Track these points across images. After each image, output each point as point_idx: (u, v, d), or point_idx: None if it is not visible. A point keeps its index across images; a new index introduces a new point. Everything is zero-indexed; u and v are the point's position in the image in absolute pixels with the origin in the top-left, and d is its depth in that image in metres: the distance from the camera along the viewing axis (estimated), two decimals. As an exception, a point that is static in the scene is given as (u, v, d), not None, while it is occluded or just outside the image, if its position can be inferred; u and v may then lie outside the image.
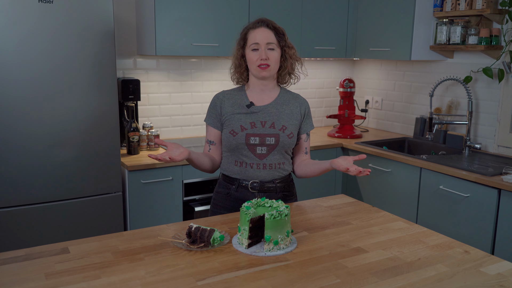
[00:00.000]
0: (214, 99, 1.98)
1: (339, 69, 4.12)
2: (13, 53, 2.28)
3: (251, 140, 1.88)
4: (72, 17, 2.39)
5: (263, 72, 1.87)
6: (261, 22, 1.89)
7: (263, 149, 1.89)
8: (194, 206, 2.88)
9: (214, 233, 1.51)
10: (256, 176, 1.91)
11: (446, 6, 3.17)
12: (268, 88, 1.96)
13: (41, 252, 1.45)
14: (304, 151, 2.04)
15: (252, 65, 1.88)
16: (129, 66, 3.21)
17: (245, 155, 1.90)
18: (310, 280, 1.32)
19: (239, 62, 1.94)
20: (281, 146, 1.91)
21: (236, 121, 1.90)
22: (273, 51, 1.87)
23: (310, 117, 2.04)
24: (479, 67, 3.10)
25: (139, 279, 1.30)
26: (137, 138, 2.92)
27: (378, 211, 1.92)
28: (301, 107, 1.99)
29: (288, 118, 1.94)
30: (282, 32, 1.91)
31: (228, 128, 1.91)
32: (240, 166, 1.92)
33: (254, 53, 1.87)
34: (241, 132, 1.89)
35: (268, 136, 1.89)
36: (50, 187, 2.47)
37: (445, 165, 2.74)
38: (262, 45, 1.85)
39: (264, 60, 1.85)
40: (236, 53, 1.94)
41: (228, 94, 1.98)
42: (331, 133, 3.66)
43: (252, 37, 1.87)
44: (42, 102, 2.39)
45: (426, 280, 1.33)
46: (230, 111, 1.93)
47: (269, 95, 1.96)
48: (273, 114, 1.93)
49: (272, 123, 1.91)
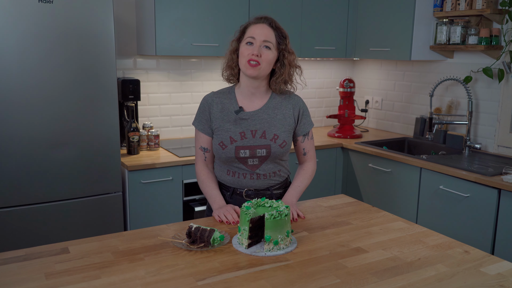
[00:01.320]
0: (202, 102, 1.88)
1: (339, 69, 4.12)
2: (13, 53, 2.28)
3: (240, 153, 1.80)
4: (72, 17, 2.39)
5: (250, 69, 1.73)
6: (264, 19, 1.78)
7: (255, 160, 1.81)
8: (194, 206, 2.88)
9: (214, 233, 1.51)
10: (250, 185, 1.86)
11: (446, 6, 3.17)
12: (259, 91, 1.84)
13: (41, 252, 1.45)
14: (302, 152, 1.94)
15: (242, 60, 1.75)
16: (129, 66, 3.21)
17: (236, 166, 1.84)
18: (310, 280, 1.32)
19: (231, 56, 1.82)
20: (273, 157, 1.83)
21: (225, 132, 1.81)
22: (268, 50, 1.75)
23: (307, 116, 1.91)
24: (479, 67, 3.10)
25: (139, 279, 1.30)
26: (137, 138, 2.92)
27: (378, 211, 1.92)
28: (294, 108, 1.86)
29: (280, 124, 1.83)
30: (284, 35, 1.80)
31: (217, 140, 1.82)
32: (233, 176, 1.86)
33: (247, 46, 1.75)
34: (230, 145, 1.80)
35: (259, 148, 1.80)
36: (50, 187, 2.47)
37: (445, 165, 2.74)
38: (258, 40, 1.73)
39: (255, 56, 1.72)
40: (231, 45, 1.83)
41: (217, 96, 1.86)
42: (331, 133, 3.66)
43: (250, 31, 1.76)
44: (42, 102, 2.39)
45: (426, 280, 1.33)
46: (219, 117, 1.82)
47: (260, 99, 1.85)
48: (264, 121, 1.82)
49: (263, 132, 1.81)
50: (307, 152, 1.95)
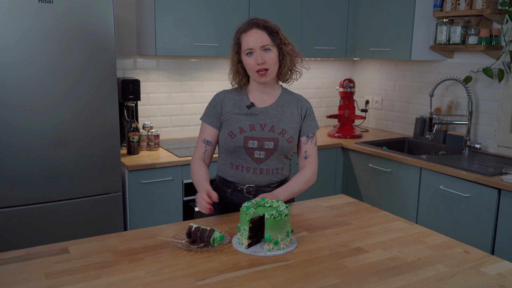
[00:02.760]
0: (215, 98, 1.94)
1: (339, 69, 4.12)
2: (13, 53, 2.28)
3: (249, 143, 1.84)
4: (72, 17, 2.39)
5: (262, 78, 1.82)
6: (251, 24, 1.81)
7: (261, 153, 1.85)
8: (194, 206, 2.88)
9: (214, 233, 1.51)
10: (252, 180, 1.88)
11: (446, 6, 3.17)
12: (270, 88, 1.92)
13: (41, 252, 1.45)
14: (304, 155, 1.93)
15: (251, 71, 1.83)
16: (129, 66, 3.21)
17: (242, 158, 1.87)
18: (310, 280, 1.32)
19: (237, 68, 1.89)
20: (280, 151, 1.86)
21: (235, 123, 1.86)
22: (269, 52, 1.80)
23: (312, 119, 1.95)
24: (479, 67, 3.10)
25: (139, 279, 1.30)
26: (137, 138, 2.92)
27: (378, 211, 1.92)
28: (302, 109, 1.93)
29: (288, 121, 1.89)
30: (275, 30, 1.83)
31: (227, 129, 1.87)
32: (236, 169, 1.88)
33: (249, 58, 1.81)
34: (240, 134, 1.84)
35: (267, 140, 1.84)
36: (50, 187, 2.47)
37: (445, 165, 2.74)
38: (256, 49, 1.79)
39: (261, 65, 1.79)
40: (232, 58, 1.89)
41: (229, 94, 1.93)
42: (331, 133, 3.66)
43: (245, 42, 1.81)
44: (42, 102, 2.39)
45: (426, 280, 1.33)
46: (230, 111, 1.88)
47: (270, 95, 1.92)
48: (273, 117, 1.88)
49: (272, 126, 1.86)
50: (309, 156, 1.93)
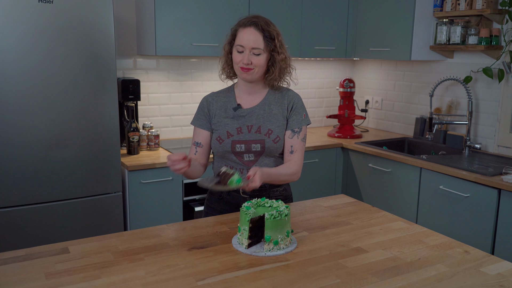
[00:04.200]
0: (202, 101, 1.94)
1: (339, 69, 4.12)
2: (13, 53, 2.28)
3: (236, 147, 1.84)
4: (72, 17, 2.39)
5: (244, 74, 1.81)
6: (251, 22, 1.79)
7: (250, 156, 1.85)
8: (194, 206, 2.88)
9: (233, 176, 1.61)
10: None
11: (446, 6, 3.17)
12: (256, 88, 1.90)
13: (41, 252, 1.45)
14: (289, 150, 1.87)
15: (235, 65, 1.83)
16: (129, 66, 3.21)
17: (233, 161, 1.88)
18: (310, 280, 1.32)
19: (226, 58, 1.88)
20: (268, 152, 1.86)
21: (223, 127, 1.86)
22: (257, 56, 1.78)
23: (299, 113, 1.89)
24: (479, 67, 3.10)
25: (139, 279, 1.30)
26: (137, 138, 2.92)
27: (378, 211, 1.92)
28: (289, 103, 1.89)
29: (275, 119, 1.87)
30: (273, 36, 1.80)
31: (216, 135, 1.87)
32: None
33: (238, 54, 1.80)
34: (227, 139, 1.84)
35: (254, 142, 1.84)
36: (50, 187, 2.47)
37: (445, 165, 2.74)
38: (247, 48, 1.78)
39: (246, 65, 1.79)
40: (224, 47, 1.88)
41: (216, 96, 1.93)
42: (331, 133, 3.66)
43: (239, 37, 1.80)
44: (42, 102, 2.39)
45: (426, 280, 1.33)
46: (219, 114, 1.88)
47: (258, 95, 1.90)
48: (260, 117, 1.86)
49: (259, 127, 1.85)
50: (294, 151, 1.88)
